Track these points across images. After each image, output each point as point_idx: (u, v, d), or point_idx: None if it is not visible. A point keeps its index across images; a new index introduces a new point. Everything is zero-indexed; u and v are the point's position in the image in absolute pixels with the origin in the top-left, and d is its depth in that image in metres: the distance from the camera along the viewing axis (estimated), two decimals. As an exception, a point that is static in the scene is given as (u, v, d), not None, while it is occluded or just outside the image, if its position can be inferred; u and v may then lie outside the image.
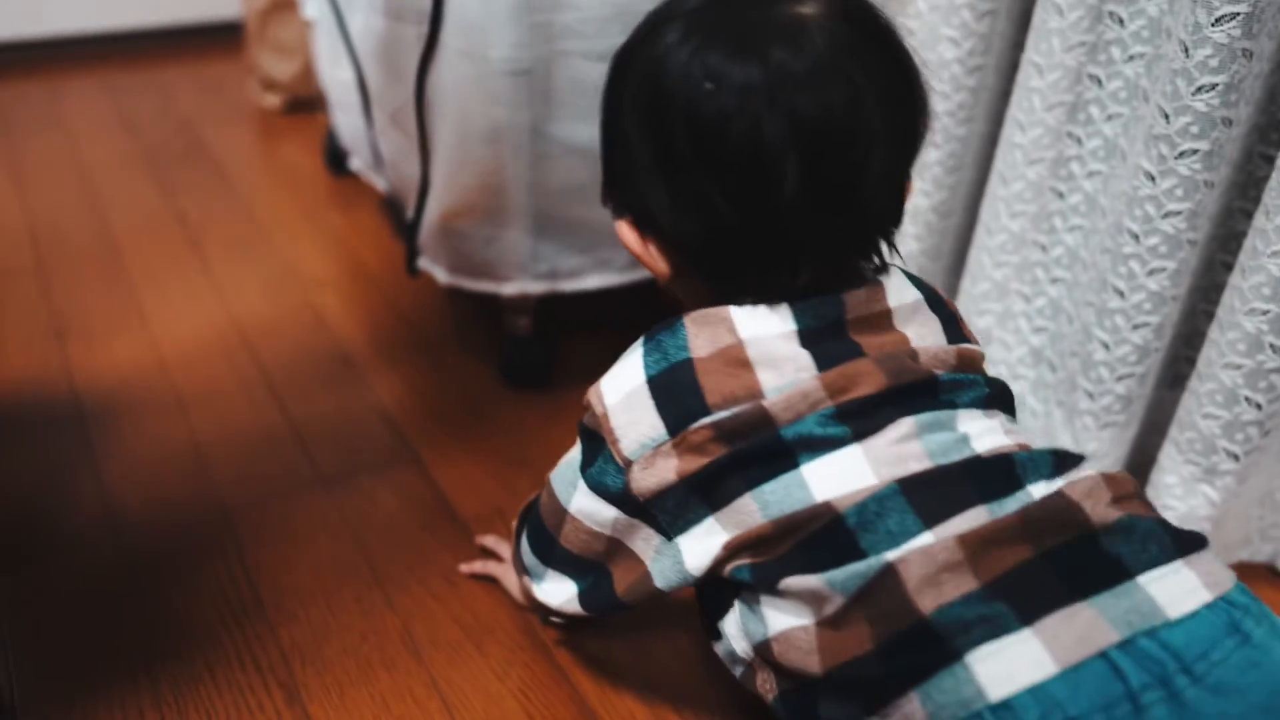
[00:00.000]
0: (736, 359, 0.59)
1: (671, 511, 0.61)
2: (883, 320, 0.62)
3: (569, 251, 1.04)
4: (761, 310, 0.60)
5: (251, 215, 1.50)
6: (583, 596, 0.70)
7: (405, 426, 1.05)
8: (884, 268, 0.64)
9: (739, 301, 0.61)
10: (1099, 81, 0.83)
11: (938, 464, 0.58)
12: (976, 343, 0.67)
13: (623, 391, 0.61)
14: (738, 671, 0.65)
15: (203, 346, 1.18)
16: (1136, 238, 0.80)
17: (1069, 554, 0.54)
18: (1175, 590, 0.53)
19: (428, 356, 1.17)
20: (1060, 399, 0.91)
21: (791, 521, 0.57)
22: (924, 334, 0.63)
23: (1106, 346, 0.85)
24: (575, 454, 0.66)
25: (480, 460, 1.00)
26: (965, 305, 0.96)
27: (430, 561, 0.88)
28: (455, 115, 0.93)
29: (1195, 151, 0.75)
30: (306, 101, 1.85)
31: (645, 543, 0.64)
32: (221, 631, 0.80)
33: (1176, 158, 0.76)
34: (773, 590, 0.58)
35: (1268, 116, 0.80)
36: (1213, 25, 0.71)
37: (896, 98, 0.59)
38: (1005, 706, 0.50)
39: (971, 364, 0.64)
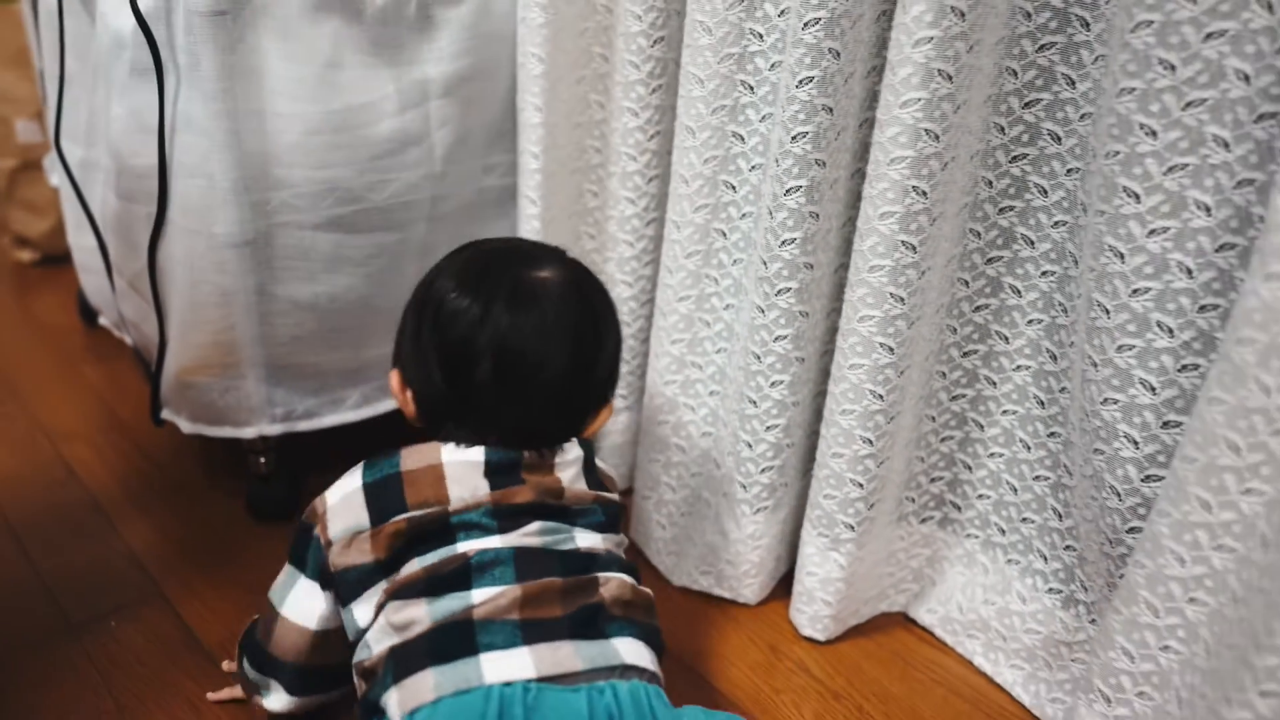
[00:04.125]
0: (437, 475, 0.80)
1: (353, 583, 0.78)
2: (547, 468, 0.83)
3: (303, 394, 1.15)
4: (464, 448, 0.81)
5: (2, 372, 1.53)
6: (293, 688, 0.85)
7: (154, 568, 1.12)
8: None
9: (449, 442, 0.82)
10: (723, 234, 1.03)
11: (545, 546, 0.79)
12: (614, 490, 0.89)
13: (342, 494, 0.82)
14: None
15: (-53, 508, 1.21)
16: (759, 357, 1.00)
17: (580, 614, 0.76)
18: (632, 650, 0.76)
19: (178, 499, 1.25)
20: (725, 491, 1.09)
21: (436, 568, 0.76)
22: (574, 479, 0.84)
23: (750, 445, 1.04)
24: (288, 567, 0.85)
25: (224, 591, 1.09)
26: (648, 416, 1.14)
27: (174, 690, 0.96)
28: (185, 283, 1.05)
29: (789, 289, 0.96)
30: (61, 256, 1.89)
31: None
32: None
33: (776, 294, 0.96)
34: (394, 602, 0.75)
35: (843, 259, 1.03)
36: (785, 194, 0.92)
37: (584, 342, 0.83)
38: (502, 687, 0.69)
39: (602, 502, 0.85)
